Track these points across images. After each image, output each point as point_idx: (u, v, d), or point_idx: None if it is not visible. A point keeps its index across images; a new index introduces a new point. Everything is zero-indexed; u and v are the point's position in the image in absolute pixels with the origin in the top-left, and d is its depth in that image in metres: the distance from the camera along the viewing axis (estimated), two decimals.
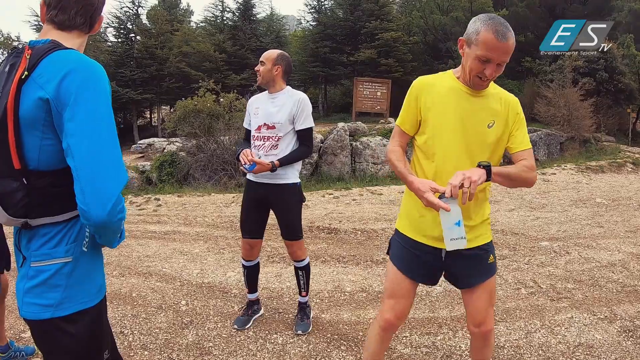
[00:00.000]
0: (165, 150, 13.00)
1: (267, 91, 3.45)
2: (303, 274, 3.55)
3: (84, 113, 1.37)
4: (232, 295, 4.25)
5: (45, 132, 1.42)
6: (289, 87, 3.44)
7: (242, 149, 3.28)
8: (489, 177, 1.92)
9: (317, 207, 7.95)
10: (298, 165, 3.46)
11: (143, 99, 21.72)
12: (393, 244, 2.31)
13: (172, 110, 21.07)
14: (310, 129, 3.39)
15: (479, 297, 2.17)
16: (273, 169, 3.19)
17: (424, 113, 2.12)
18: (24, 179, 1.45)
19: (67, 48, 1.48)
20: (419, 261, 2.19)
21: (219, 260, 5.36)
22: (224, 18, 23.53)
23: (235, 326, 3.58)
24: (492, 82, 2.08)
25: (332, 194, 9.17)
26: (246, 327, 3.57)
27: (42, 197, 1.48)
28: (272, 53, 3.40)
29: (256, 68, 3.41)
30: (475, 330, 2.22)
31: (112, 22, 24.09)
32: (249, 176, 3.45)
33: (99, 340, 1.65)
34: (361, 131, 12.24)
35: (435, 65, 19.08)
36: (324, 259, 5.12)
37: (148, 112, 29.07)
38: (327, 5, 23.91)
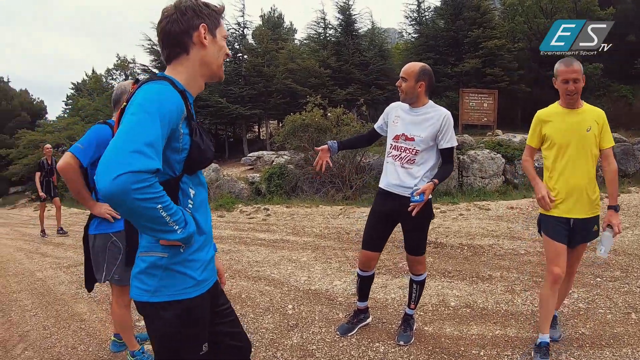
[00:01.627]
0: (273, 163, 13.56)
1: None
2: (417, 287, 3.60)
3: (121, 126, 1.53)
4: (338, 303, 4.40)
5: None
6: (431, 102, 3.41)
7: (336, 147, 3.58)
8: (617, 210, 3.20)
9: None
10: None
11: (252, 114, 22.48)
12: (545, 223, 3.25)
13: (280, 124, 21.74)
14: (453, 149, 3.37)
15: (572, 256, 3.29)
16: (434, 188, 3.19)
17: (546, 132, 3.24)
18: None
19: (160, 79, 1.70)
20: (561, 229, 3.17)
21: (326, 269, 5.55)
22: (327, 34, 23.76)
23: (338, 332, 3.70)
24: (584, 103, 3.21)
25: (439, 209, 9.10)
26: (349, 334, 3.67)
27: None
28: (413, 68, 3.32)
29: (397, 83, 3.37)
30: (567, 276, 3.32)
31: None
32: (382, 185, 3.50)
33: (191, 332, 1.81)
34: (468, 144, 11.93)
35: (543, 72, 17.74)
36: (429, 273, 5.08)
37: (256, 126, 30.24)
38: (427, 16, 23.52)
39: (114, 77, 29.20)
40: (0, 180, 34.10)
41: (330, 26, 23.75)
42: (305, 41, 26.77)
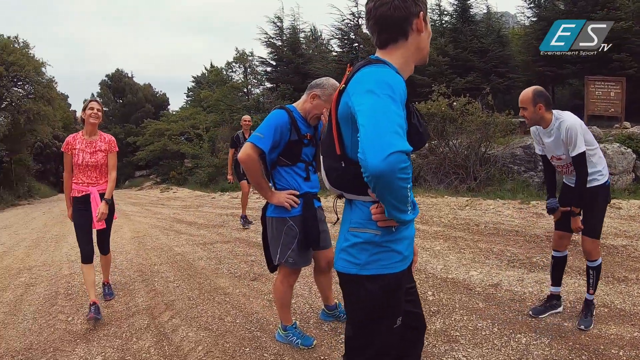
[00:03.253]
0: None
1: None
2: (594, 273, 3.74)
3: (363, 106, 1.57)
4: (476, 292, 4.51)
5: (352, 128, 1.72)
6: (555, 114, 3.54)
7: (556, 204, 3.73)
8: None
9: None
10: (600, 166, 3.62)
11: None
12: None
13: None
14: (581, 154, 3.43)
15: None
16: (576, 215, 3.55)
17: None
18: (342, 162, 1.79)
19: (378, 62, 1.75)
20: None
21: (461, 259, 5.65)
22: (442, 21, 22.86)
23: (531, 312, 3.89)
24: None
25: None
26: (540, 316, 3.85)
27: (352, 179, 1.77)
28: (527, 95, 3.51)
29: (520, 114, 3.58)
30: None
31: (336, 34, 25.12)
32: (565, 180, 3.83)
33: (392, 304, 1.82)
34: (597, 137, 11.14)
35: None
36: (565, 270, 5.06)
37: None
38: None
39: (234, 69, 30.25)
40: (127, 165, 37.23)
41: (445, 12, 22.80)
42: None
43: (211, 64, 40.05)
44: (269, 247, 3.49)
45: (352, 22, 24.75)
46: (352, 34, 24.83)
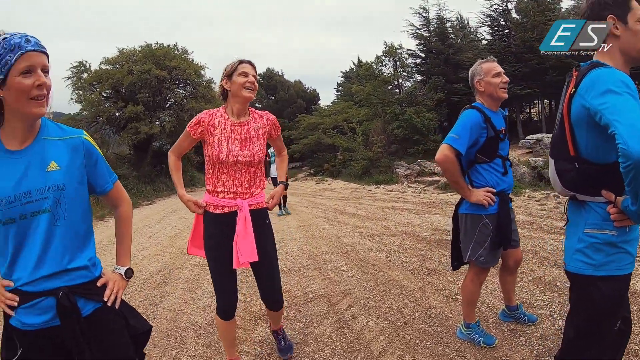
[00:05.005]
0: None
1: None
2: None
3: (608, 104, 1.62)
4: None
5: (588, 129, 1.75)
6: None
7: None
8: None
9: None
10: None
11: (526, 94, 20.57)
12: None
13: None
14: None
15: None
16: None
17: None
18: (575, 163, 1.83)
19: (602, 66, 1.80)
20: None
21: (637, 267, 4.96)
22: None
23: None
24: None
25: None
26: None
27: (586, 180, 1.82)
28: None
29: None
30: None
31: (485, 21, 23.80)
32: None
33: (619, 306, 1.83)
34: None
35: None
36: None
37: (527, 107, 27.84)
38: None
39: (384, 63, 30.13)
40: None
41: None
42: (574, 9, 23.43)
43: (358, 59, 40.58)
44: (459, 244, 3.38)
45: (501, 7, 23.28)
46: (502, 19, 23.33)
